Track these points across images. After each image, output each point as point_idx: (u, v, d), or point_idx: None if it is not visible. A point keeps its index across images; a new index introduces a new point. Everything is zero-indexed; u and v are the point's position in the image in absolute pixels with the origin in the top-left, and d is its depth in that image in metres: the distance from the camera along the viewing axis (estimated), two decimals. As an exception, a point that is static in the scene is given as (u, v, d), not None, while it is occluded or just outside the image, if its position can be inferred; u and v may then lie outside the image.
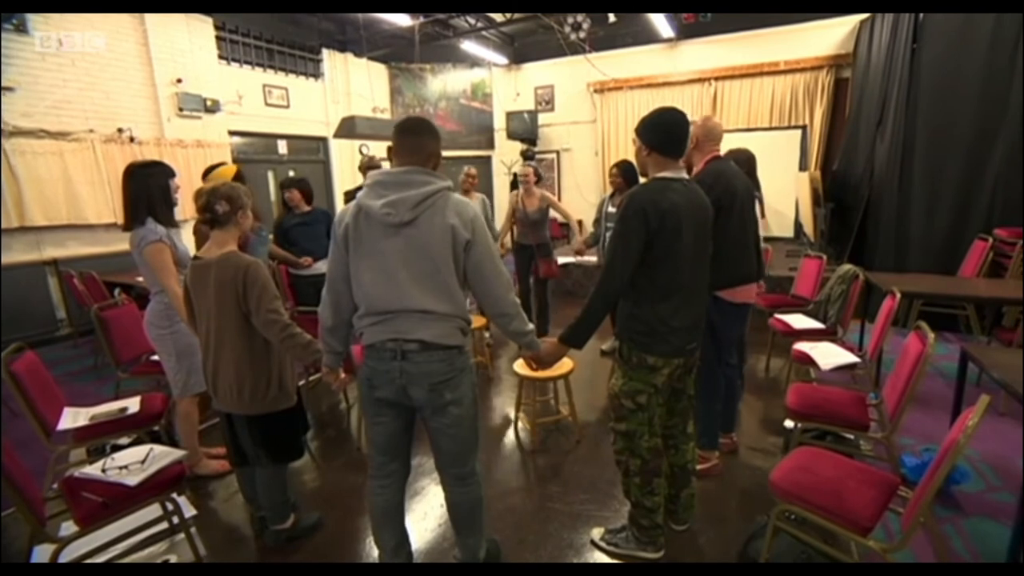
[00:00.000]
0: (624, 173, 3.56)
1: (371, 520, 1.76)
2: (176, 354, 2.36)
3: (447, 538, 2.07)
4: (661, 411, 1.86)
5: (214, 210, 1.80)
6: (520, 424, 2.97)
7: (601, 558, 1.96)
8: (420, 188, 1.45)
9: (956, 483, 2.21)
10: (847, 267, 3.42)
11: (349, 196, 4.08)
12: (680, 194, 1.69)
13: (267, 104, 6.83)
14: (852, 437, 2.34)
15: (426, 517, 2.22)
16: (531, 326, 1.67)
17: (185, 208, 4.54)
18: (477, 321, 3.48)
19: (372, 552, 2.02)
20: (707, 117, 2.37)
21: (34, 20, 4.62)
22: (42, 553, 1.78)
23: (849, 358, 2.61)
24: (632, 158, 2.60)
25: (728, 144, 2.60)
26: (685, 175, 1.77)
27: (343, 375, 1.78)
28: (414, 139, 1.52)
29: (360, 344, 1.60)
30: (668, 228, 1.63)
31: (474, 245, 1.50)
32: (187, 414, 2.44)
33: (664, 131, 1.72)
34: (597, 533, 2.03)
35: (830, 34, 6.63)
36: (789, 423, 2.51)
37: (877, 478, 1.63)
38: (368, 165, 4.05)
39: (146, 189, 2.27)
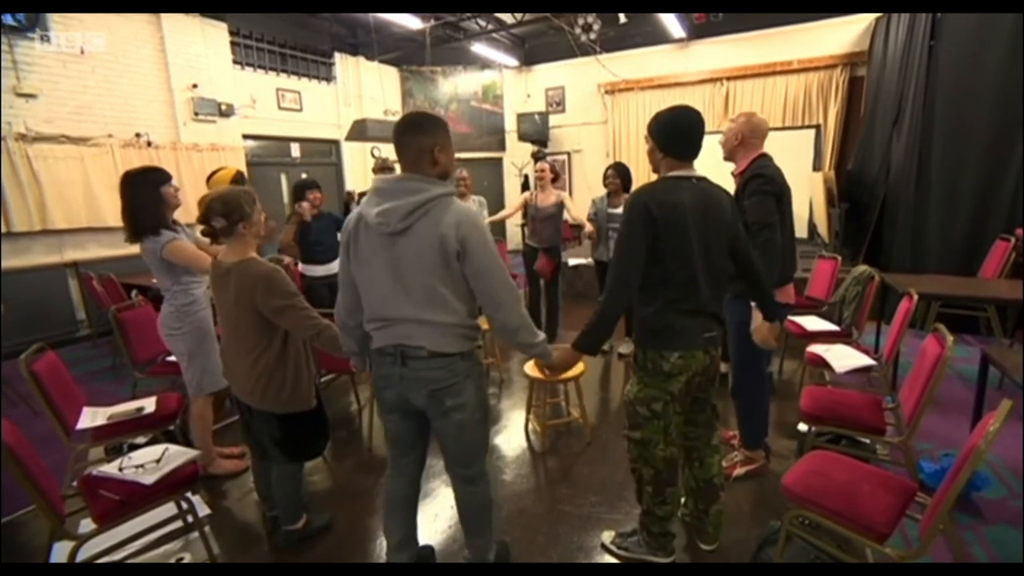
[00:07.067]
0: (620, 174, 3.59)
1: (383, 509, 1.81)
2: (188, 354, 2.40)
3: (457, 539, 2.07)
4: (678, 420, 1.80)
5: (211, 227, 1.81)
6: (531, 426, 2.97)
7: (611, 561, 1.94)
8: (414, 196, 1.42)
9: (977, 489, 2.16)
10: (862, 268, 3.37)
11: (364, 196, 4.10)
12: (690, 193, 1.63)
13: (280, 107, 6.92)
14: (868, 441, 2.31)
15: (437, 518, 2.23)
16: (540, 336, 1.58)
17: (192, 211, 4.56)
18: (486, 323, 3.46)
19: (383, 552, 2.03)
20: (751, 113, 2.28)
21: (55, 28, 4.73)
22: (61, 549, 1.82)
23: (864, 361, 2.57)
24: (642, 160, 2.57)
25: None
26: (698, 172, 1.70)
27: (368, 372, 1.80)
28: (404, 139, 1.48)
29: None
30: (674, 226, 1.58)
31: (468, 254, 1.43)
32: (201, 414, 2.47)
33: (681, 134, 1.66)
34: (607, 537, 2.02)
35: (845, 32, 6.53)
36: (803, 426, 2.48)
37: (894, 483, 1.60)
38: (381, 167, 4.07)
39: (132, 199, 2.26)
